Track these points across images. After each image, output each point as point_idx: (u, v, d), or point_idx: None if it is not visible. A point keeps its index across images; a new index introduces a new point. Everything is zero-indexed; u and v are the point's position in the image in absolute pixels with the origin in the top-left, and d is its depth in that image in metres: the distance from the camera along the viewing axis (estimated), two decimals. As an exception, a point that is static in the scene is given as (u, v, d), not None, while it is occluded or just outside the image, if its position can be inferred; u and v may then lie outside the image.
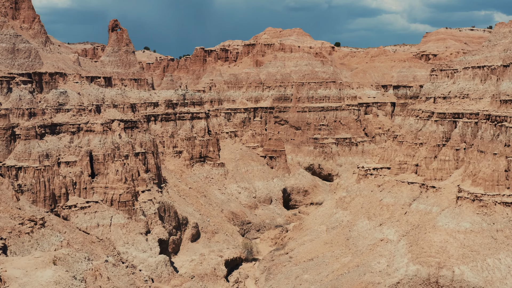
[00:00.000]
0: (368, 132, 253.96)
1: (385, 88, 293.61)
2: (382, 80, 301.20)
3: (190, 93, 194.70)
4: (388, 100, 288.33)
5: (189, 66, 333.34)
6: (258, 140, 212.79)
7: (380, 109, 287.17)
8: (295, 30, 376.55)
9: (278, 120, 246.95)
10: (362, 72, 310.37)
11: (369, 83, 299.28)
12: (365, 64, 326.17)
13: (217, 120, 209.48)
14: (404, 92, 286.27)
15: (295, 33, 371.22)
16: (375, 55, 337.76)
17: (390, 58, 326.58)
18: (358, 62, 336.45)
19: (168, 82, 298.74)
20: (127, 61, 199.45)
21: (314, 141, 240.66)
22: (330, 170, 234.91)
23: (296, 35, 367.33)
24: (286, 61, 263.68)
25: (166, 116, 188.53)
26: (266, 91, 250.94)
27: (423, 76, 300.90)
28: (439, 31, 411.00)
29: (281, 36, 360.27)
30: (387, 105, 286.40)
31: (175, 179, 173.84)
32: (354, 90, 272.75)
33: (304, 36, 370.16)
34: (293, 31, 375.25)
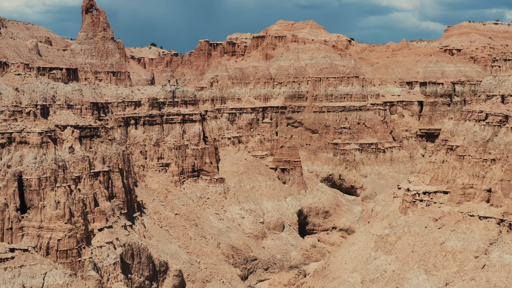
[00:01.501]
0: (395, 135, 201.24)
1: (410, 85, 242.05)
2: (407, 76, 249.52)
3: (181, 89, 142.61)
4: (415, 98, 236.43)
5: (192, 61, 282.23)
6: (268, 147, 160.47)
7: (406, 109, 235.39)
8: (308, 23, 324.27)
9: (291, 121, 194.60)
10: (384, 68, 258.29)
11: (392, 80, 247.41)
12: (386, 59, 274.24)
13: (217, 123, 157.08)
14: (433, 90, 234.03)
15: (308, 26, 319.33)
16: (397, 49, 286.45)
17: (414, 52, 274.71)
18: (378, 57, 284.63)
19: (167, 79, 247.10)
20: (103, 50, 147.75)
21: (333, 147, 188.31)
22: (353, 182, 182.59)
23: (309, 28, 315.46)
24: (300, 53, 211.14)
25: (150, 118, 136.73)
26: (277, 88, 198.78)
27: (452, 72, 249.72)
28: (461, 25, 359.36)
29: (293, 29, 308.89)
30: (413, 104, 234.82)
31: (157, 203, 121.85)
32: (377, 87, 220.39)
33: (318, 29, 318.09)
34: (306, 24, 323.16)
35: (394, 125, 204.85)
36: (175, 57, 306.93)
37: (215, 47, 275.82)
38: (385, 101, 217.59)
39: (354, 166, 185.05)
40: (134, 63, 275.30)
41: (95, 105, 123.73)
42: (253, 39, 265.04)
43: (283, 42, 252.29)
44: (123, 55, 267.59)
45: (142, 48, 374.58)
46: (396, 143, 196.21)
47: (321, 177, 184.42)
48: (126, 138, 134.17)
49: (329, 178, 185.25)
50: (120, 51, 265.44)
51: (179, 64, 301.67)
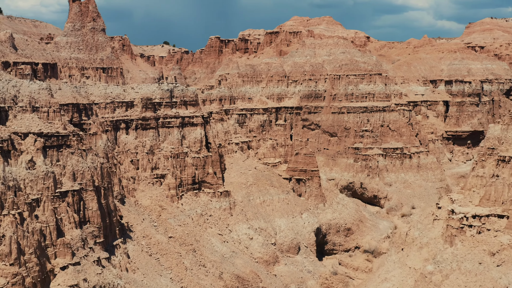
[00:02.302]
0: (421, 139, 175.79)
1: (434, 84, 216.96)
2: (430, 74, 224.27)
3: (180, 88, 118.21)
4: (440, 98, 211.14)
5: (203, 59, 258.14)
6: (281, 153, 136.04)
7: (431, 109, 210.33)
8: (325, 19, 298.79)
9: (307, 123, 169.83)
10: (405, 65, 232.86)
11: (414, 78, 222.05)
12: (407, 56, 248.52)
13: (223, 126, 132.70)
14: (460, 89, 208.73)
15: (325, 22, 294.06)
16: (418, 45, 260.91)
17: (437, 49, 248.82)
18: (399, 54, 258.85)
19: (175, 77, 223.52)
20: (93, 43, 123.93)
21: (354, 152, 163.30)
22: (376, 191, 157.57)
23: (325, 24, 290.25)
24: (317, 48, 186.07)
25: (143, 122, 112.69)
26: (291, 87, 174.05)
27: (479, 69, 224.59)
28: (484, 21, 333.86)
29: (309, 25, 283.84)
30: (438, 104, 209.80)
31: (148, 224, 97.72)
32: (399, 86, 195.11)
33: (335, 25, 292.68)
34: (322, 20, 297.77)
35: (419, 128, 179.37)
36: (186, 54, 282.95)
37: (226, 44, 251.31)
38: (408, 101, 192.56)
39: (377, 174, 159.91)
40: (142, 60, 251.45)
41: (75, 106, 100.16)
42: (267, 35, 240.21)
43: (298, 38, 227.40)
44: (130, 52, 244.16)
45: (155, 46, 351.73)
46: (423, 148, 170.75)
47: (340, 186, 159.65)
48: (115, 145, 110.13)
49: (349, 186, 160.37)
50: (126, 48, 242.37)
51: (190, 62, 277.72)
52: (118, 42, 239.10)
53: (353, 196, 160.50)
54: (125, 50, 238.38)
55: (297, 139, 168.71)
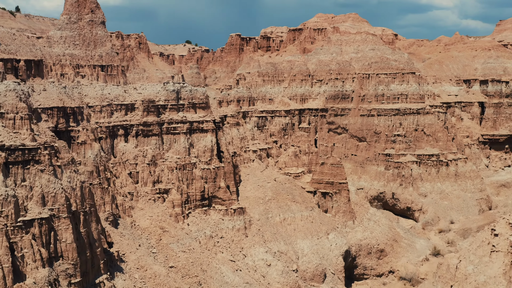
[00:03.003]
0: (457, 144, 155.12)
1: (468, 84, 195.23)
2: (463, 74, 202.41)
3: (188, 89, 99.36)
4: (475, 99, 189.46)
5: (223, 57, 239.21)
6: (304, 162, 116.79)
7: (465, 111, 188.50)
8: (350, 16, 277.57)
9: (334, 127, 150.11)
10: (437, 63, 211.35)
11: (447, 77, 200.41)
12: (438, 54, 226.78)
13: (239, 131, 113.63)
14: (497, 89, 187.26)
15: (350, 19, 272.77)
16: (449, 43, 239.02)
17: (469, 47, 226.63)
18: (429, 52, 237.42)
19: (192, 76, 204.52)
20: (90, 38, 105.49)
21: (385, 159, 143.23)
22: (409, 203, 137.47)
23: (351, 21, 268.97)
24: (344, 45, 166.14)
25: (145, 128, 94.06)
26: (316, 87, 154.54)
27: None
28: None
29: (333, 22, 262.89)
30: (473, 105, 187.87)
31: (144, 252, 79.05)
32: (431, 86, 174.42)
33: (361, 22, 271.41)
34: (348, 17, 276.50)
35: (455, 131, 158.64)
36: (206, 53, 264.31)
37: (247, 42, 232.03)
38: (441, 102, 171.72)
39: (410, 183, 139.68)
40: (159, 59, 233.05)
41: (61, 110, 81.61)
42: (290, 32, 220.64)
43: (323, 35, 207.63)
44: (146, 50, 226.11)
45: (177, 45, 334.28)
46: (461, 154, 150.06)
47: (369, 196, 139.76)
48: (110, 155, 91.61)
49: (379, 197, 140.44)
50: (143, 46, 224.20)
51: (210, 60, 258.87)
52: (134, 40, 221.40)
53: (384, 207, 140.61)
54: (141, 48, 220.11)
55: (322, 144, 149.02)
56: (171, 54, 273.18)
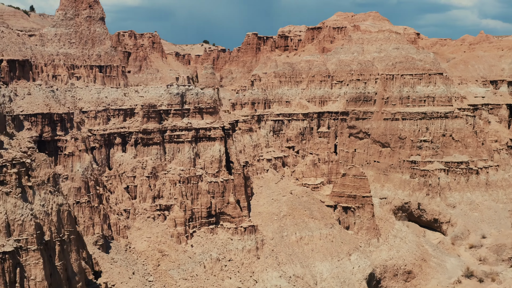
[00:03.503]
0: (487, 149, 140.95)
1: (495, 85, 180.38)
2: (490, 74, 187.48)
3: (194, 92, 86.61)
4: (503, 101, 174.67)
5: (240, 57, 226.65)
6: (324, 171, 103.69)
7: (492, 114, 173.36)
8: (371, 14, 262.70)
9: (355, 132, 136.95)
10: (462, 63, 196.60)
11: (473, 78, 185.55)
12: (463, 54, 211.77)
13: (251, 138, 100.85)
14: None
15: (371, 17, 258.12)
16: (474, 42, 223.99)
17: (495, 46, 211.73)
18: (453, 52, 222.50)
19: (207, 77, 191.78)
20: (88, 36, 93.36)
21: (410, 166, 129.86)
22: (436, 214, 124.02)
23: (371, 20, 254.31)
24: (365, 44, 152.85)
25: (145, 136, 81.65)
26: (336, 88, 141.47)
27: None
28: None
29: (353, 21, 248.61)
30: (501, 107, 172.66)
31: (139, 280, 66.68)
32: (456, 87, 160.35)
33: (382, 20, 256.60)
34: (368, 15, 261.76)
35: (484, 136, 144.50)
36: (222, 53, 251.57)
37: (265, 41, 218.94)
38: (468, 104, 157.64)
39: (438, 192, 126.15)
40: (173, 59, 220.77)
41: (46, 117, 69.34)
42: (308, 31, 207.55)
43: (343, 33, 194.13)
44: (160, 50, 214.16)
45: (194, 45, 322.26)
46: (491, 161, 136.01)
47: (393, 206, 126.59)
48: (105, 167, 79.34)
49: (404, 207, 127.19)
50: (157, 45, 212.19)
51: (227, 60, 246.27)
52: (147, 39, 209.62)
53: (409, 219, 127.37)
54: (155, 48, 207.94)
55: (342, 150, 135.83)
56: (187, 54, 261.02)
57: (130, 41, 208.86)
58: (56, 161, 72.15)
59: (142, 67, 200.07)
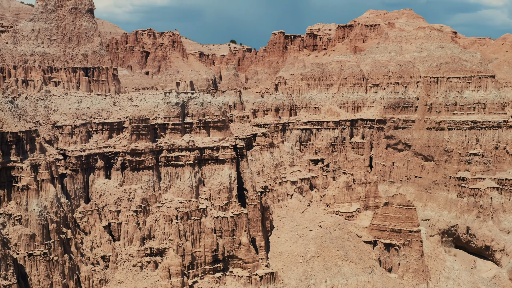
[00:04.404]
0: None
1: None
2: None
3: (198, 101, 65.34)
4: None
5: (265, 57, 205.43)
6: (360, 195, 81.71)
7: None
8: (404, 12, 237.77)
9: (393, 142, 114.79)
10: (506, 64, 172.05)
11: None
12: (506, 54, 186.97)
13: (273, 155, 79.18)
14: None
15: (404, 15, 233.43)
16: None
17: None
18: (494, 51, 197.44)
19: (229, 78, 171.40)
20: (73, 31, 72.88)
21: (458, 183, 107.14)
22: (488, 240, 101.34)
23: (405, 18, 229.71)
24: (404, 43, 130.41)
25: (134, 158, 60.51)
26: (371, 92, 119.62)
27: None
28: None
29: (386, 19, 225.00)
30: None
31: None
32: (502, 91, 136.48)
33: (416, 18, 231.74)
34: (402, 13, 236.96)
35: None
36: (248, 53, 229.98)
37: (292, 40, 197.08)
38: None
39: (490, 215, 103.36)
40: (194, 59, 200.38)
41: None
42: (338, 29, 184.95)
43: (376, 32, 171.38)
44: (181, 49, 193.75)
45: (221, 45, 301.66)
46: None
47: (437, 229, 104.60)
48: (80, 199, 58.81)
49: (450, 231, 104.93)
50: (177, 44, 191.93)
51: (253, 61, 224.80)
52: (168, 38, 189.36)
53: (456, 245, 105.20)
54: (175, 47, 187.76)
55: (378, 163, 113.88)
56: (211, 53, 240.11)
57: (149, 40, 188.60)
58: (10, 195, 51.99)
59: (161, 67, 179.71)
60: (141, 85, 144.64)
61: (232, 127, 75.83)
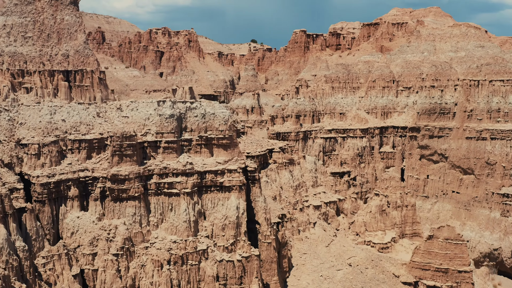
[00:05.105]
0: None
1: None
2: None
3: (198, 112, 50.23)
4: None
5: (286, 57, 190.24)
6: (395, 221, 66.17)
7: None
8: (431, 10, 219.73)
9: (428, 153, 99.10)
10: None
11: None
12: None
13: (292, 175, 63.91)
14: None
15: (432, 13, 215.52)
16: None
17: None
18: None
19: (247, 80, 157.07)
20: (53, 27, 58.45)
21: (502, 200, 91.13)
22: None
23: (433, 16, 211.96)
24: (438, 41, 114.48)
25: (116, 184, 45.65)
26: (402, 96, 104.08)
27: None
28: None
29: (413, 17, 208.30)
30: None
31: None
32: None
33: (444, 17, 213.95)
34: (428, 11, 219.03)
35: None
36: (268, 52, 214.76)
37: (314, 39, 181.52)
38: None
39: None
40: (211, 59, 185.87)
41: None
42: (364, 27, 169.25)
43: (403, 30, 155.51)
44: (197, 49, 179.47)
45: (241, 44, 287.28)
46: None
47: (478, 252, 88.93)
48: (43, 239, 44.54)
49: (492, 255, 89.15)
50: (193, 44, 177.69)
51: (273, 61, 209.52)
52: (183, 37, 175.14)
53: (498, 270, 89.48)
54: (191, 46, 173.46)
55: (411, 176, 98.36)
56: (230, 53, 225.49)
57: (164, 39, 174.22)
58: None
59: (176, 68, 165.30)
60: (152, 87, 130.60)
61: (244, 141, 61.05)
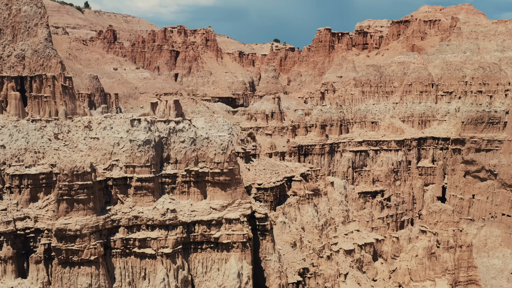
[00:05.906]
0: None
1: None
2: None
3: (187, 135, 33.69)
4: None
5: (310, 57, 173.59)
6: (447, 265, 49.06)
7: None
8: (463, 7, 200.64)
9: (474, 169, 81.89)
10: None
11: None
12: None
13: (317, 210, 47.01)
14: None
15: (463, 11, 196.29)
16: None
17: None
18: None
19: (268, 81, 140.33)
20: (7, 20, 42.44)
21: None
22: None
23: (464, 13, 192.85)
24: (481, 40, 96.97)
25: (62, 243, 29.53)
26: (443, 102, 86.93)
27: None
28: None
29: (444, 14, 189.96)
30: None
31: None
32: None
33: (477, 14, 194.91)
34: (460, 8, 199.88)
35: None
36: (291, 52, 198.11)
37: (339, 38, 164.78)
38: None
39: None
40: (230, 59, 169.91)
41: None
42: (393, 25, 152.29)
43: (436, 28, 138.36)
44: (215, 48, 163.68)
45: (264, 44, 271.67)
46: None
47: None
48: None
49: (554, 292, 71.69)
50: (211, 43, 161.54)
51: (296, 61, 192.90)
52: (200, 36, 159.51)
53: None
54: (208, 46, 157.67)
55: (454, 196, 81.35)
56: (251, 53, 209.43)
57: (179, 38, 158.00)
58: None
59: (192, 69, 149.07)
60: (163, 90, 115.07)
61: (255, 167, 44.97)
